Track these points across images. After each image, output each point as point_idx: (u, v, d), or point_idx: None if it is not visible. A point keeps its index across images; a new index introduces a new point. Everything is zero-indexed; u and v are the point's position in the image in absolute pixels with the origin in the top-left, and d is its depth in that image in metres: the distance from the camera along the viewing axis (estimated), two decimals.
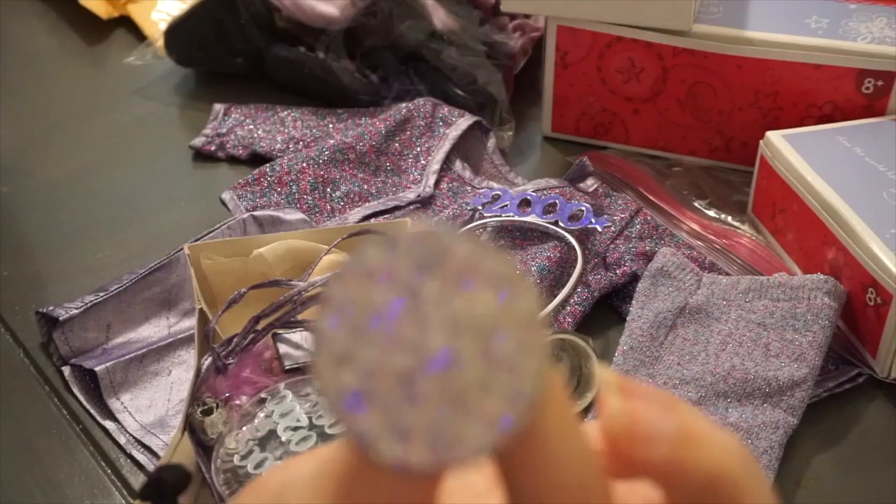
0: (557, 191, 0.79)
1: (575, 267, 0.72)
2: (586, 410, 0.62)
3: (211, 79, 1.00)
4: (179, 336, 0.70)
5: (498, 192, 0.78)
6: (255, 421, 0.60)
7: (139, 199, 0.86)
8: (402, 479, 0.22)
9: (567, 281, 0.72)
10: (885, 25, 0.82)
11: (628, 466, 0.24)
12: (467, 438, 0.21)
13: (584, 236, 0.75)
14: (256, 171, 0.82)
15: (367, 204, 0.81)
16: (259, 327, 0.64)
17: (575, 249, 0.73)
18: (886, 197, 0.71)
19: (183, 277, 0.72)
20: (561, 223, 0.75)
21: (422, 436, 0.21)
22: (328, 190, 0.82)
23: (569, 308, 0.71)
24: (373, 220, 0.80)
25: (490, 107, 0.90)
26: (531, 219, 0.75)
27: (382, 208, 0.81)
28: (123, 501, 0.62)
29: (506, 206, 0.77)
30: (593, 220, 0.74)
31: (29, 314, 0.72)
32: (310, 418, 0.60)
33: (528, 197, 0.77)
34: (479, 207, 0.77)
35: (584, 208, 0.75)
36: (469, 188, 0.85)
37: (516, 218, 0.76)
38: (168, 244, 0.75)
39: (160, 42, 0.99)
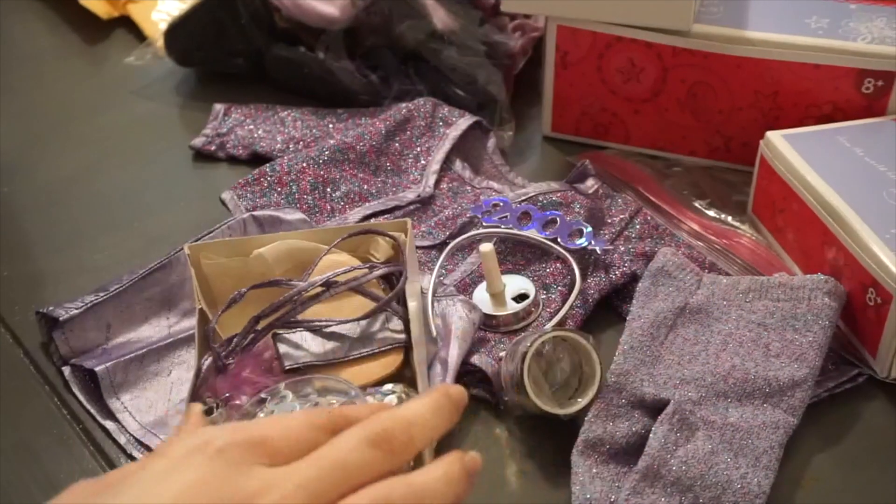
0: (559, 194, 0.79)
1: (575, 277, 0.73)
2: (587, 408, 0.62)
3: (211, 79, 1.00)
4: (179, 336, 0.70)
5: (498, 202, 0.78)
6: None
7: (139, 199, 0.86)
8: None
9: (572, 288, 0.72)
10: (885, 25, 0.82)
11: None
12: None
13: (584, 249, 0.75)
14: (256, 171, 0.82)
15: (367, 204, 0.81)
16: (259, 327, 0.64)
17: (573, 268, 0.73)
18: (886, 197, 0.71)
19: (183, 277, 0.72)
20: (560, 241, 0.75)
21: None
22: (328, 190, 0.82)
23: (570, 311, 0.72)
24: (373, 220, 0.80)
25: (490, 107, 0.90)
26: (531, 234, 0.76)
27: (382, 208, 0.81)
28: None
29: (505, 217, 0.77)
30: (593, 242, 0.74)
31: (29, 314, 0.72)
32: None
33: (528, 210, 0.77)
34: (479, 216, 0.77)
35: (583, 227, 0.75)
36: (469, 188, 0.85)
37: (515, 231, 0.76)
38: (168, 244, 0.75)
39: (160, 42, 0.99)
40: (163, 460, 0.41)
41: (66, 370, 0.69)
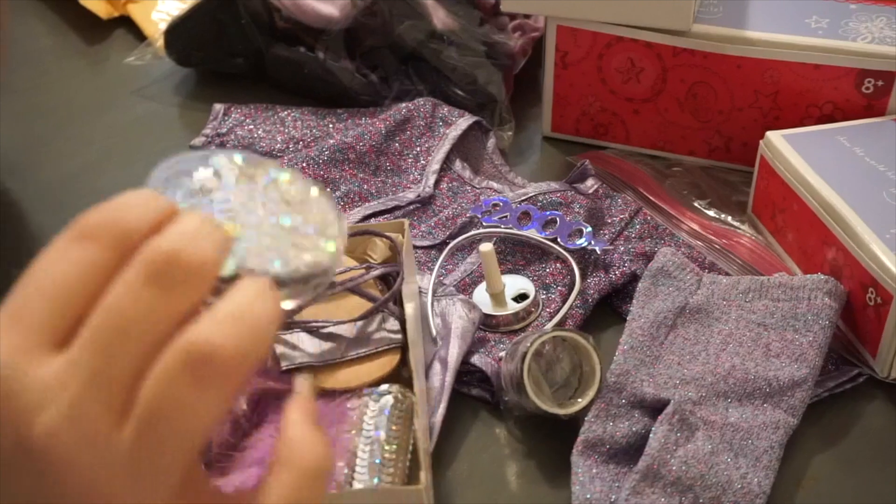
0: (558, 194, 0.79)
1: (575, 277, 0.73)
2: (587, 408, 0.62)
3: (211, 79, 1.00)
4: None
5: (498, 202, 0.78)
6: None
7: None
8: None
9: (572, 288, 0.72)
10: (885, 25, 0.82)
11: None
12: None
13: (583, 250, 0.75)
14: None
15: (367, 204, 0.81)
16: None
17: (573, 268, 0.73)
18: (886, 197, 0.71)
19: None
20: (560, 241, 0.75)
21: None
22: (328, 190, 0.82)
23: (570, 311, 0.71)
24: (372, 220, 0.80)
25: (490, 107, 0.90)
26: (531, 234, 0.76)
27: (382, 208, 0.81)
28: None
29: (505, 217, 0.77)
30: (592, 242, 0.74)
31: None
32: None
33: (528, 210, 0.77)
34: (479, 216, 0.77)
35: (583, 227, 0.75)
36: (469, 188, 0.84)
37: (515, 231, 0.76)
38: None
39: (160, 42, 0.99)
40: None
41: None
